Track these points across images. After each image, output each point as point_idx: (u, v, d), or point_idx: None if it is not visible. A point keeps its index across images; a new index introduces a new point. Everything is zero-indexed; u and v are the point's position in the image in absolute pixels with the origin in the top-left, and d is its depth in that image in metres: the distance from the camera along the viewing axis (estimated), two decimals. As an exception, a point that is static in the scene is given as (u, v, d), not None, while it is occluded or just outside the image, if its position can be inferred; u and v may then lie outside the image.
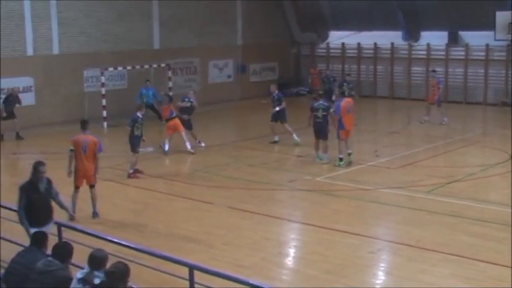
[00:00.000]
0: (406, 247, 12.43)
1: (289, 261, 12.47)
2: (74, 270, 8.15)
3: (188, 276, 8.15)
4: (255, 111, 22.86)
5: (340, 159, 18.90)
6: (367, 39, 34.63)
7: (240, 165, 19.57)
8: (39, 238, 8.42)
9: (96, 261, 7.51)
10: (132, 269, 7.48)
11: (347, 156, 19.07)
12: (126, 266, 7.30)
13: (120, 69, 28.03)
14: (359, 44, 35.22)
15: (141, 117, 17.99)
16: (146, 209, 15.32)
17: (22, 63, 26.18)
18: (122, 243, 9.54)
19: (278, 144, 22.33)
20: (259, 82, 34.73)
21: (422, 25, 32.91)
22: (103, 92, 26.44)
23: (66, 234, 9.89)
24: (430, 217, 14.31)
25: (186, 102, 21.86)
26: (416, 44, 33.58)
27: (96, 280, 7.32)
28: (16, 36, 26.02)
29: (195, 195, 16.31)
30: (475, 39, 31.00)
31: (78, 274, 7.48)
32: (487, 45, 30.81)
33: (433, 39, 32.53)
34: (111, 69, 27.43)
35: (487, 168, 18.50)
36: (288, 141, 22.50)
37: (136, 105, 19.45)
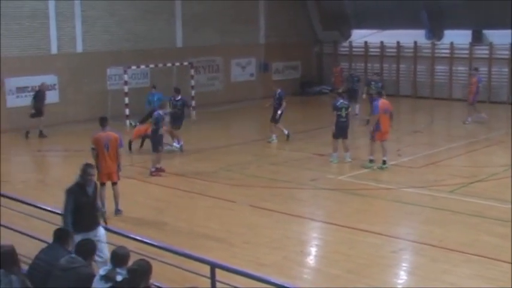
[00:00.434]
0: (429, 247, 12.36)
1: (311, 260, 12.45)
2: (96, 267, 8.21)
3: (209, 274, 8.17)
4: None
5: (371, 161, 18.59)
6: (390, 37, 34.47)
7: (262, 164, 19.57)
8: (62, 235, 8.46)
9: (118, 258, 7.55)
10: (154, 267, 7.51)
11: (381, 162, 18.53)
12: (148, 263, 7.33)
13: (142, 67, 28.15)
14: (382, 42, 35.07)
15: (162, 115, 18.06)
16: (168, 207, 15.37)
17: (46, 62, 26.39)
18: (144, 240, 9.58)
19: (300, 143, 22.28)
20: (282, 81, 34.60)
21: (445, 24, 32.68)
22: (126, 90, 26.56)
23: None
24: (452, 217, 14.22)
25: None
26: (439, 42, 33.35)
27: (119, 277, 7.35)
28: (40, 34, 26.23)
29: (216, 194, 16.33)
30: (499, 37, 30.73)
31: (101, 271, 7.52)
32: (512, 43, 30.59)
33: (457, 37, 32.30)
34: (134, 67, 27.55)
35: (511, 168, 18.32)
36: (309, 139, 22.52)
37: (160, 104, 19.45)
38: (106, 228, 10.32)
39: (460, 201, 15.39)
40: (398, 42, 34.48)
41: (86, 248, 8.03)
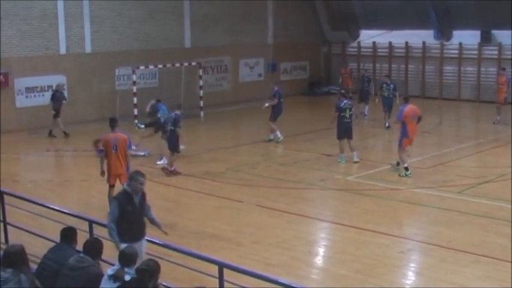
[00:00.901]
0: (437, 248, 12.34)
1: (319, 261, 12.45)
2: (104, 267, 8.23)
3: (218, 274, 8.18)
4: (286, 110, 22.83)
5: (407, 169, 17.69)
6: (399, 38, 34.42)
7: (270, 164, 19.58)
8: (69, 234, 8.47)
9: (126, 258, 7.57)
10: (162, 267, 7.53)
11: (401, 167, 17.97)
12: (157, 263, 7.35)
13: (151, 67, 28.20)
14: (390, 43, 35.02)
15: (179, 115, 18.05)
16: (176, 207, 15.41)
17: (55, 62, 26.49)
18: (153, 240, 9.60)
19: (309, 143, 22.27)
20: (290, 81, 34.68)
21: (454, 24, 32.60)
22: (134, 90, 26.60)
23: (97, 231, 9.96)
24: (461, 218, 14.20)
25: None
26: (448, 43, 33.28)
27: (127, 277, 7.37)
28: (49, 34, 26.31)
29: (224, 194, 16.34)
30: (508, 38, 30.60)
31: (109, 271, 7.54)
32: (521, 44, 30.50)
33: (466, 38, 32.22)
34: (142, 67, 27.60)
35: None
36: (318, 140, 22.49)
37: (175, 105, 19.31)
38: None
39: (469, 202, 15.36)
40: (406, 43, 34.42)
41: (94, 247, 8.06)
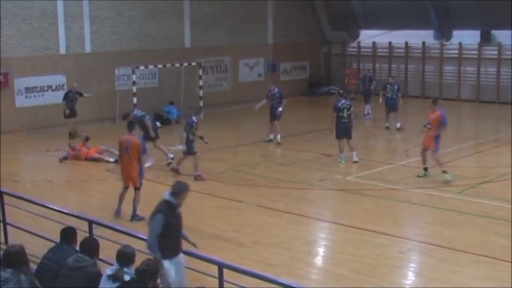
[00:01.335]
0: (437, 248, 12.34)
1: (319, 261, 12.45)
2: (102, 267, 8.22)
3: (217, 274, 8.17)
4: (286, 110, 22.81)
5: (444, 172, 17.10)
6: (399, 38, 34.42)
7: (270, 164, 19.58)
8: (69, 234, 8.47)
9: (125, 257, 7.57)
10: (162, 267, 7.52)
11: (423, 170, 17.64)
12: (156, 263, 7.35)
13: (151, 67, 28.19)
14: (390, 43, 35.02)
15: (196, 121, 17.64)
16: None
17: (55, 62, 26.47)
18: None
19: (309, 143, 22.27)
20: (290, 81, 34.67)
21: (454, 24, 32.60)
22: (134, 90, 26.57)
23: (97, 232, 9.95)
24: (461, 218, 14.20)
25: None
26: (448, 43, 33.29)
27: (126, 277, 7.37)
28: (49, 34, 26.29)
29: (224, 194, 16.34)
30: (508, 38, 30.61)
31: (108, 271, 7.54)
32: (521, 44, 30.50)
33: (465, 38, 32.23)
34: (142, 67, 27.58)
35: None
36: (318, 140, 22.47)
37: (193, 109, 19.06)
38: (112, 227, 10.29)
39: (469, 202, 15.37)
40: (406, 43, 34.43)
41: (91, 246, 8.06)
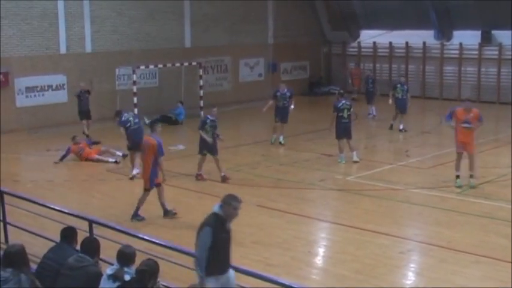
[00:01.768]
0: (437, 248, 12.34)
1: (319, 261, 12.45)
2: (103, 266, 8.22)
3: (218, 274, 8.17)
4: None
5: (457, 177, 16.70)
6: (399, 38, 34.41)
7: (270, 164, 19.57)
8: (69, 234, 8.47)
9: (125, 257, 7.57)
10: (162, 266, 7.54)
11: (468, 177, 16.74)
12: (156, 263, 7.35)
13: (151, 67, 28.19)
14: (390, 43, 35.02)
15: (211, 119, 17.39)
16: (177, 207, 15.34)
17: (55, 61, 26.50)
18: (153, 240, 9.60)
19: (309, 143, 22.26)
20: (290, 81, 34.52)
21: (455, 24, 32.60)
22: (134, 90, 26.57)
23: (97, 231, 9.95)
24: (461, 218, 14.20)
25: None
26: (448, 43, 33.28)
27: (127, 277, 7.37)
28: (49, 34, 26.31)
29: (225, 194, 16.29)
30: (509, 38, 30.61)
31: (108, 270, 7.54)
32: (521, 44, 30.50)
33: (466, 38, 32.22)
34: (142, 67, 27.58)
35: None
36: (317, 140, 22.46)
37: (212, 110, 18.33)
38: (112, 227, 10.28)
39: (469, 202, 15.36)
40: (407, 43, 34.42)
41: (92, 246, 8.07)
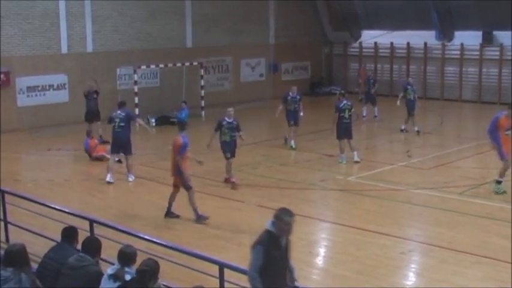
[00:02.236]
0: (438, 249, 12.33)
1: (320, 261, 12.44)
2: (103, 266, 8.22)
3: (218, 274, 8.17)
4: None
5: (498, 182, 16.15)
6: (400, 38, 34.39)
7: (271, 164, 19.57)
8: (70, 233, 8.46)
9: (126, 257, 7.56)
10: (163, 266, 7.52)
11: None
12: (157, 263, 7.34)
13: (152, 67, 28.20)
14: (392, 43, 34.99)
15: (228, 120, 17.04)
16: (177, 207, 15.35)
17: (56, 61, 26.49)
18: (153, 240, 9.60)
19: (310, 144, 22.25)
20: (292, 81, 34.55)
21: (456, 25, 32.59)
22: (136, 89, 26.60)
23: (98, 231, 9.94)
24: (462, 219, 14.19)
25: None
26: (449, 43, 33.26)
27: (127, 276, 7.36)
28: (51, 34, 26.31)
29: (225, 194, 16.34)
30: (510, 39, 30.57)
31: (109, 270, 7.53)
32: (522, 45, 30.48)
33: (467, 39, 32.21)
34: (143, 67, 27.60)
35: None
36: (318, 140, 22.45)
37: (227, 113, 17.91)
38: (113, 227, 10.29)
39: (470, 202, 15.35)
40: (408, 43, 34.40)
41: (93, 245, 8.06)
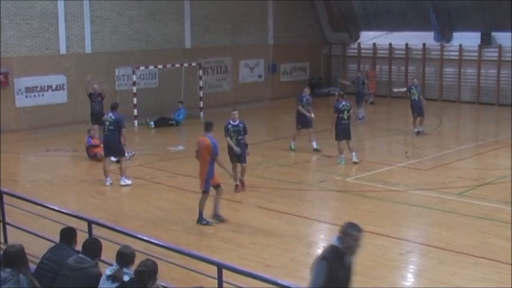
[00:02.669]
0: (437, 249, 12.33)
1: (318, 262, 12.42)
2: (102, 267, 8.22)
3: (216, 275, 8.17)
4: (286, 111, 22.84)
5: None
6: (399, 39, 34.43)
7: (270, 165, 19.56)
8: (69, 234, 8.47)
9: (124, 258, 7.57)
10: (161, 267, 7.53)
11: None
12: (155, 263, 7.34)
13: (151, 68, 28.20)
14: (390, 44, 35.01)
15: (233, 124, 16.74)
16: (176, 207, 15.39)
17: (55, 62, 26.46)
18: (152, 241, 9.59)
19: (309, 144, 22.18)
20: (290, 82, 34.71)
21: (454, 26, 32.61)
22: (134, 90, 26.62)
23: (97, 232, 9.93)
24: (460, 219, 14.19)
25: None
26: (448, 44, 33.27)
27: (126, 277, 7.37)
28: (49, 34, 26.29)
29: (224, 194, 16.24)
30: (508, 40, 30.60)
31: (107, 271, 7.54)
32: (521, 46, 30.48)
33: (466, 40, 32.23)
34: (142, 67, 27.60)
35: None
36: (318, 141, 22.42)
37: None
38: (112, 228, 10.28)
39: (468, 203, 15.35)
40: (407, 44, 34.41)
41: (94, 247, 8.05)
